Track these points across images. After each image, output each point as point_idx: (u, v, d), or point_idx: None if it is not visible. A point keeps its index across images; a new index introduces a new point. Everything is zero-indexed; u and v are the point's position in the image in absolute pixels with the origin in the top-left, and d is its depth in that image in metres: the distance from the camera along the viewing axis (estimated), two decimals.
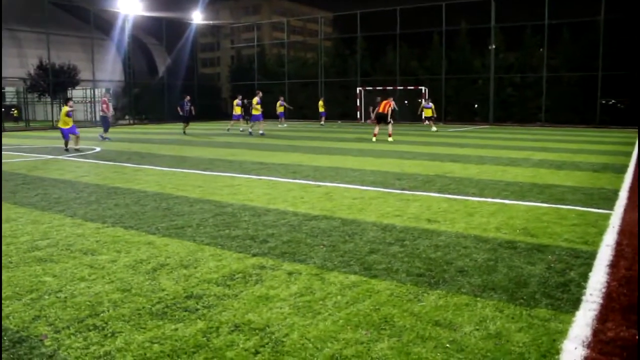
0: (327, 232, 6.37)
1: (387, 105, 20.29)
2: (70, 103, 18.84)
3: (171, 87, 46.86)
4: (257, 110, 25.39)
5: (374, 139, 20.26)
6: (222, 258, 5.40)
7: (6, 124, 42.46)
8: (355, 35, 42.54)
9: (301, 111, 41.77)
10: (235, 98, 30.72)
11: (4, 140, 25.09)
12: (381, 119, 20.29)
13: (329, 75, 43.57)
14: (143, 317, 4.01)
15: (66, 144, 18.17)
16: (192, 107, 27.95)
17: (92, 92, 48.47)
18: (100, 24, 47.30)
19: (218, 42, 71.14)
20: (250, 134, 25.64)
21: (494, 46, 36.40)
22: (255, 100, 25.63)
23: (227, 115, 41.30)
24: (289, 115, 37.14)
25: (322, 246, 5.79)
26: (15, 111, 51.85)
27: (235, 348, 3.52)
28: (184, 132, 27.11)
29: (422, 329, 3.75)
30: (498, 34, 36.65)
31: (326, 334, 3.69)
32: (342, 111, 40.81)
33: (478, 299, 4.30)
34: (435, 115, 29.63)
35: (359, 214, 7.37)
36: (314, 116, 36.82)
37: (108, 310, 4.15)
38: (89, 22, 47.28)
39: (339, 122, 38.07)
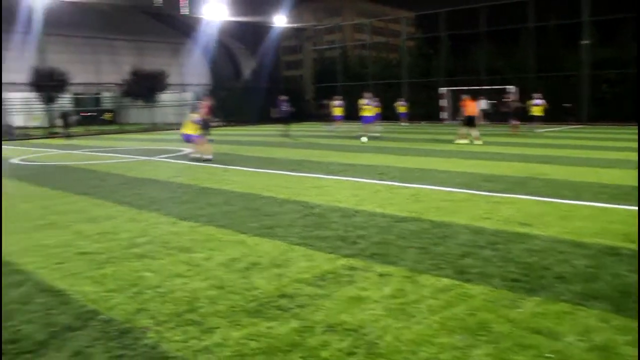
0: (417, 234, 6.30)
1: (473, 106, 19.39)
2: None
3: (255, 89, 47.85)
4: (369, 112, 24.08)
5: (461, 141, 19.23)
6: (313, 258, 5.46)
7: (100, 127, 44.84)
8: (438, 35, 41.86)
9: (384, 112, 41.46)
10: (334, 99, 30.70)
11: (101, 143, 26.52)
12: (469, 122, 19.38)
13: (412, 76, 43.10)
14: (238, 314, 4.11)
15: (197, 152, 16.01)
16: (290, 108, 25.93)
17: (181, 95, 50.35)
18: (188, 31, 49.07)
19: (301, 44, 72.03)
20: (378, 137, 22.77)
21: (586, 41, 34.76)
22: (364, 101, 24.44)
23: (311, 117, 41.72)
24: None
25: (412, 248, 5.73)
26: (108, 115, 54.51)
27: (329, 348, 3.54)
28: (286, 135, 24.48)
29: (520, 337, 3.63)
30: (590, 28, 34.96)
31: (421, 338, 3.65)
32: (425, 112, 40.21)
33: (580, 307, 4.11)
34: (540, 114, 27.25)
35: (448, 217, 7.23)
36: (397, 117, 36.42)
37: (205, 307, 4.28)
38: (177, 29, 49.21)
39: (422, 122, 37.55)
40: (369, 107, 24.25)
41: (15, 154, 20.26)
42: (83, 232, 6.94)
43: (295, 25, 55.55)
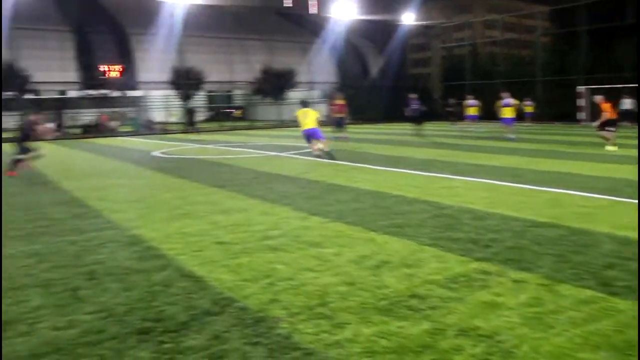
0: (555, 241, 5.96)
1: (607, 107, 17.57)
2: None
3: (382, 88, 47.81)
4: (509, 112, 22.50)
5: (610, 147, 17.18)
6: (445, 260, 5.33)
7: (230, 124, 46.92)
8: (576, 29, 39.40)
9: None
10: (467, 99, 30.01)
11: (232, 138, 27.75)
12: (610, 123, 17.77)
13: (546, 74, 40.95)
14: (369, 311, 4.11)
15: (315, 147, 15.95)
16: (422, 106, 24.26)
17: (308, 93, 51.50)
18: (316, 29, 50.01)
19: (429, 42, 70.99)
20: (512, 139, 21.25)
21: None
22: (501, 103, 22.91)
23: (439, 116, 40.91)
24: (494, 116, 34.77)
25: (550, 255, 5.43)
26: (238, 112, 56.89)
27: (462, 352, 3.44)
28: (418, 134, 22.76)
29: None
30: None
31: (561, 351, 3.44)
32: (559, 112, 37.99)
33: None
34: None
35: (589, 224, 6.77)
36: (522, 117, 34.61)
37: (336, 302, 4.32)
38: (307, 28, 50.33)
39: (555, 123, 35.49)
40: (508, 107, 22.91)
41: (156, 147, 21.72)
42: (218, 222, 7.29)
43: (424, 22, 54.74)
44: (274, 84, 44.79)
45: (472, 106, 28.73)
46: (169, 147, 22.73)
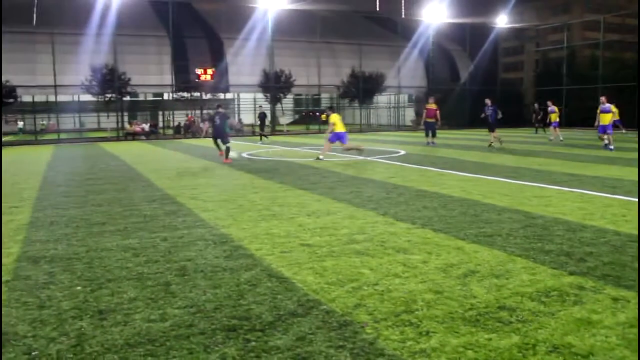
0: None
1: None
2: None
3: (473, 92, 46.78)
4: (606, 120, 20.88)
5: None
6: (536, 272, 5.12)
7: (317, 127, 47.28)
8: None
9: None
10: (548, 105, 29.01)
11: (319, 141, 27.96)
12: None
13: None
14: (456, 321, 4.01)
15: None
16: (498, 112, 24.87)
17: (396, 97, 51.13)
18: (406, 33, 49.62)
19: (522, 45, 68.71)
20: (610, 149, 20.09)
21: None
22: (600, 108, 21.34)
23: (530, 122, 39.51)
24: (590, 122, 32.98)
25: None
26: (324, 115, 57.37)
27: None
28: (490, 145, 22.70)
29: None
30: None
31: None
32: None
33: None
34: None
35: None
36: (631, 123, 32.72)
37: (422, 309, 4.25)
38: (396, 32, 50.01)
39: (624, 130, 33.02)
40: (605, 114, 21.49)
41: (245, 148, 22.26)
42: (305, 225, 7.36)
43: (517, 25, 53.10)
44: (362, 88, 44.83)
45: (551, 113, 27.65)
46: (257, 149, 23.26)
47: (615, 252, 5.80)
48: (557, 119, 27.09)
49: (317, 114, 57.84)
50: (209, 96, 43.26)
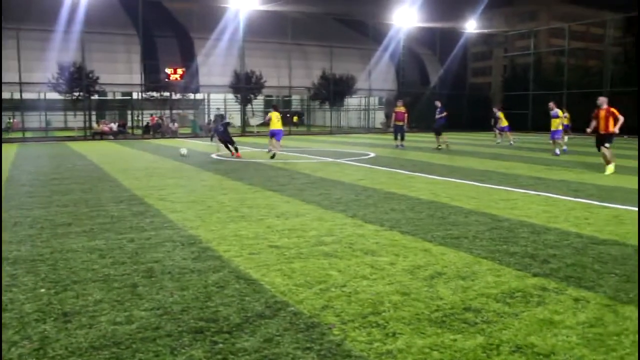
0: (619, 260, 5.73)
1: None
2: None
3: (442, 96, 47.33)
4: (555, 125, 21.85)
5: None
6: (501, 274, 5.22)
7: (287, 129, 47.23)
8: None
9: (576, 123, 38.49)
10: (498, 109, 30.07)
11: (289, 143, 27.95)
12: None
13: (615, 85, 39.52)
14: (422, 323, 4.06)
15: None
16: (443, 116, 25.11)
17: (366, 100, 51.43)
18: (377, 36, 49.95)
19: (490, 50, 69.80)
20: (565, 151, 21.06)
21: None
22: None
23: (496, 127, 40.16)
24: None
25: (613, 275, 5.23)
26: (296, 117, 57.40)
27: None
28: (438, 147, 23.24)
29: None
30: None
31: None
32: (625, 125, 36.44)
33: None
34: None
35: None
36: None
37: (389, 311, 4.29)
38: (367, 35, 50.30)
39: (626, 137, 34.02)
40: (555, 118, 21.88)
41: (214, 149, 22.09)
42: (274, 226, 7.36)
43: (486, 30, 53.91)
44: (333, 90, 44.96)
45: (497, 118, 29.04)
46: (226, 150, 23.10)
47: (577, 254, 5.93)
48: (507, 123, 28.56)
49: (287, 115, 57.79)
50: (178, 96, 42.88)
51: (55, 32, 37.97)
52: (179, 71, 40.63)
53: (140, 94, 42.82)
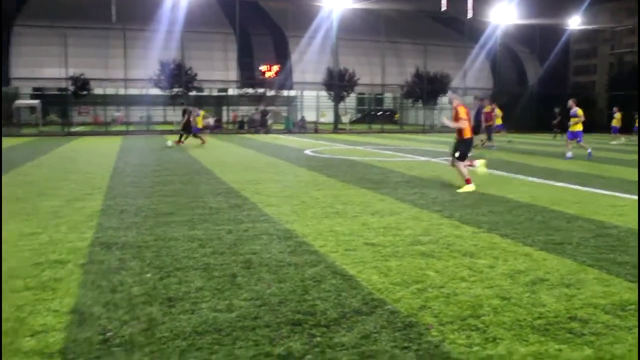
0: None
1: None
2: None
3: (540, 96, 45.52)
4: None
5: None
6: (610, 284, 4.92)
7: (379, 126, 47.01)
8: None
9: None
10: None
11: (381, 141, 27.83)
12: None
13: None
14: (524, 329, 3.90)
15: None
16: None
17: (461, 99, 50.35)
18: (472, 34, 48.77)
19: (595, 47, 66.32)
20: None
21: None
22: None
23: (603, 128, 38.14)
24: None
25: None
26: (397, 115, 56.92)
27: None
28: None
29: None
30: None
31: None
32: None
33: None
34: None
35: None
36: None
37: (489, 315, 4.16)
38: (462, 32, 49.19)
39: None
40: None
41: (307, 146, 22.40)
42: (369, 223, 7.33)
43: (591, 27, 51.27)
44: (426, 88, 44.35)
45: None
46: (319, 146, 23.36)
47: None
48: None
49: (378, 113, 57.61)
50: (272, 93, 43.76)
51: (157, 32, 39.84)
52: (274, 68, 41.45)
53: (235, 90, 44.07)
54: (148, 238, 6.46)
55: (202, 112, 25.54)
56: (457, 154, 10.71)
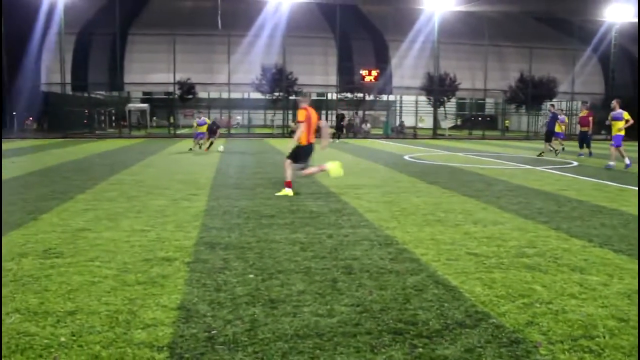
0: None
1: None
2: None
3: None
4: None
5: None
6: None
7: (480, 132, 45.68)
8: None
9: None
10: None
11: (482, 147, 27.02)
12: None
13: None
14: None
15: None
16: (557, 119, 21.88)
17: (568, 104, 48.01)
18: (582, 35, 46.39)
19: None
20: None
21: None
22: None
23: None
24: None
25: None
26: (508, 122, 55.12)
27: None
28: (540, 154, 21.71)
29: None
30: None
31: None
32: None
33: None
34: None
35: None
36: None
37: (604, 337, 3.90)
38: (571, 34, 46.90)
39: None
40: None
41: (406, 151, 22.20)
42: (471, 233, 7.13)
43: None
44: (531, 93, 42.71)
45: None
46: (418, 152, 23.07)
47: None
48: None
49: (479, 118, 56.13)
50: (371, 97, 43.75)
51: (259, 37, 40.98)
52: (373, 73, 41.43)
53: (335, 94, 44.43)
54: (250, 239, 6.62)
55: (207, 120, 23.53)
56: (291, 155, 10.49)
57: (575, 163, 18.50)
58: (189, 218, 7.95)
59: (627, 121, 16.89)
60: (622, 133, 17.03)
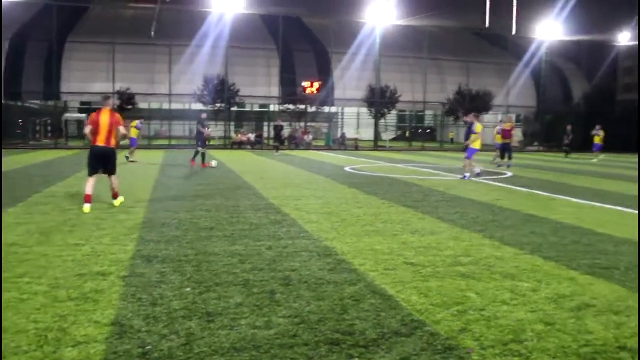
0: None
1: None
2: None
3: (586, 114, 44.51)
4: None
5: None
6: None
7: (419, 144, 46.65)
8: None
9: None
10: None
11: (421, 158, 27.62)
12: None
13: None
14: (569, 357, 3.79)
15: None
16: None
17: (503, 117, 49.65)
18: (516, 51, 48.20)
19: None
20: None
21: None
22: None
23: None
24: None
25: None
26: (452, 134, 56.57)
27: None
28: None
29: None
30: None
31: None
32: None
33: None
34: None
35: None
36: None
37: (532, 340, 4.05)
38: (506, 49, 48.65)
39: None
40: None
41: (347, 162, 22.42)
42: (408, 242, 7.26)
43: None
44: (468, 106, 43.97)
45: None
46: (359, 163, 23.33)
47: None
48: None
49: (419, 130, 57.27)
50: (313, 109, 43.98)
51: (201, 47, 40.62)
52: (315, 84, 41.71)
53: (276, 105, 44.46)
54: (188, 252, 6.53)
55: (133, 123, 22.95)
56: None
57: (509, 173, 19.14)
58: (125, 231, 7.77)
59: (478, 134, 16.82)
60: (477, 147, 16.84)
